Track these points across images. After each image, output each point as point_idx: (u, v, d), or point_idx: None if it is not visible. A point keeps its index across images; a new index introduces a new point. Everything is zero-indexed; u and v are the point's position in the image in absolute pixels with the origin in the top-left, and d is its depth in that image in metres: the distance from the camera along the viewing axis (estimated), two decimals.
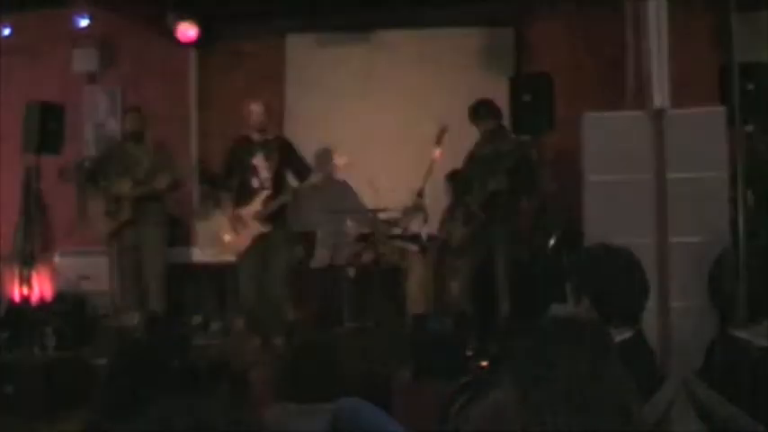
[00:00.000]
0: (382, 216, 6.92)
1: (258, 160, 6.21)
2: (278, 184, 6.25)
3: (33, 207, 6.48)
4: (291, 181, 6.44)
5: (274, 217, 6.22)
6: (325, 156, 6.85)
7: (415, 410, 4.53)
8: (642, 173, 4.35)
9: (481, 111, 5.98)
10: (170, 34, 7.93)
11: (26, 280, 6.15)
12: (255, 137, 6.26)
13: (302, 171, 6.35)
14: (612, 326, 2.30)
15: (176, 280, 7.33)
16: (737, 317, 2.40)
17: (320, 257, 7.04)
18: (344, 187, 7.43)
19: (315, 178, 6.31)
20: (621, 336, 2.35)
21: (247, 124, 6.31)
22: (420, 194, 6.40)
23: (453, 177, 6.55)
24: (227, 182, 6.34)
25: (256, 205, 6.14)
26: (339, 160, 6.37)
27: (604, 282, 2.40)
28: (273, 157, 6.23)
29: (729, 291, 2.46)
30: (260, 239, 6.16)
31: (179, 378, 2.34)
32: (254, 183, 6.20)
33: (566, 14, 7.82)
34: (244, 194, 6.21)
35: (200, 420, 1.32)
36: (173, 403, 1.36)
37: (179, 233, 7.75)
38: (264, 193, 6.16)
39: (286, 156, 6.34)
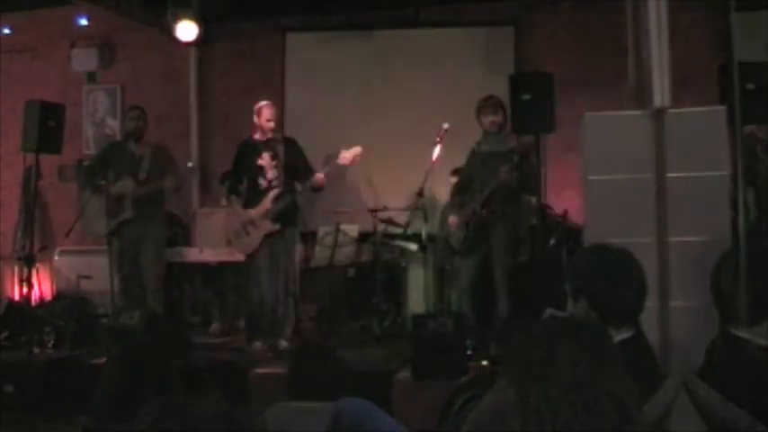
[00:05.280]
0: (382, 216, 6.92)
1: (264, 160, 6.18)
2: (287, 181, 6.23)
3: (33, 206, 6.46)
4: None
5: (285, 215, 6.18)
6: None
7: (415, 410, 4.53)
8: (642, 173, 4.34)
9: (488, 105, 5.97)
10: (170, 34, 7.93)
11: (26, 279, 6.14)
12: (260, 137, 6.23)
13: (304, 173, 6.30)
14: (612, 326, 2.30)
15: (176, 280, 7.34)
16: (738, 316, 2.39)
17: (320, 257, 7.02)
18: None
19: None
20: (621, 336, 2.34)
21: (261, 126, 6.22)
22: (420, 194, 6.40)
23: (457, 173, 6.52)
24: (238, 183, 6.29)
25: (266, 204, 6.10)
26: (346, 154, 6.19)
27: (601, 282, 2.39)
28: (279, 155, 6.21)
29: (730, 290, 2.45)
30: (270, 237, 6.12)
31: (179, 378, 2.34)
32: (262, 183, 6.17)
33: (565, 14, 7.82)
34: (252, 195, 6.18)
35: (195, 419, 1.32)
36: (168, 403, 1.36)
37: (179, 233, 7.75)
38: (274, 192, 6.12)
39: (291, 154, 6.31)
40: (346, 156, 6.13)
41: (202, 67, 8.64)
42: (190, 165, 7.03)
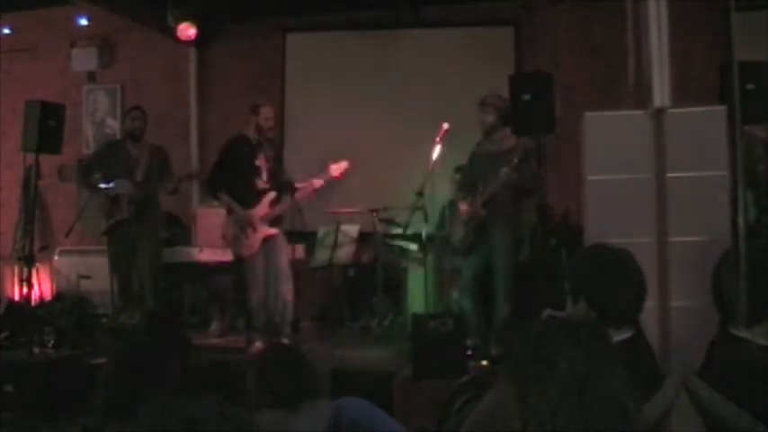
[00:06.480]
0: (382, 216, 6.92)
1: (261, 160, 6.16)
2: (278, 184, 6.22)
3: (33, 206, 6.46)
4: None
5: (276, 217, 6.18)
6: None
7: (415, 410, 4.53)
8: (642, 173, 4.34)
9: (479, 105, 5.96)
10: (170, 34, 7.93)
11: (26, 279, 6.13)
12: (255, 136, 6.21)
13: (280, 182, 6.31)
14: (612, 326, 2.30)
15: (176, 280, 7.33)
16: (738, 316, 2.40)
17: (320, 257, 7.01)
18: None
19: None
20: (621, 336, 2.34)
21: (260, 125, 6.19)
22: (420, 194, 6.39)
23: (461, 170, 6.51)
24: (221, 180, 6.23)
25: (264, 208, 6.07)
26: (334, 168, 6.25)
27: (601, 282, 2.39)
28: (271, 156, 6.20)
29: (730, 290, 2.45)
30: (266, 240, 6.10)
31: (179, 378, 2.34)
32: (259, 184, 6.15)
33: (565, 14, 7.83)
34: (249, 195, 6.14)
35: (195, 419, 1.32)
36: (168, 403, 1.36)
37: (179, 233, 7.75)
38: (270, 196, 6.10)
39: (276, 157, 6.32)
40: (335, 168, 6.18)
41: (202, 67, 8.65)
42: (189, 172, 6.99)
